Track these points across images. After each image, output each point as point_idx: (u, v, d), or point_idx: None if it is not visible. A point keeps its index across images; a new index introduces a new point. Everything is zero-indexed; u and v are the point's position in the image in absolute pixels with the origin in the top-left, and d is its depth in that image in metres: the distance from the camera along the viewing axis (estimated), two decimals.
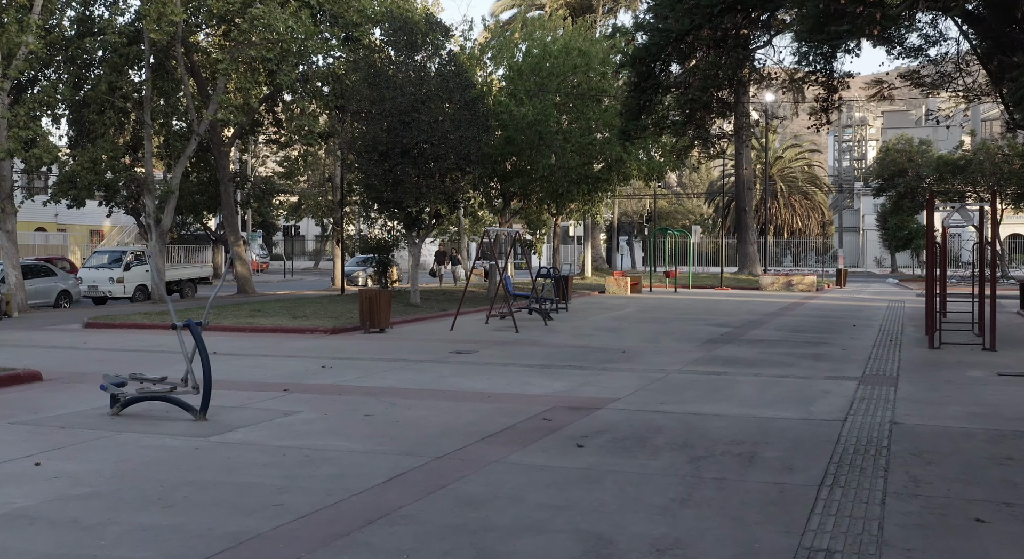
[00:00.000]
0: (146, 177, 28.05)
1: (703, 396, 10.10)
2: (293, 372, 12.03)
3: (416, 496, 6.00)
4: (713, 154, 22.57)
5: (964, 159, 47.49)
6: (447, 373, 11.93)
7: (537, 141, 23.51)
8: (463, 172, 21.55)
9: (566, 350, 14.61)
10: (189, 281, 31.27)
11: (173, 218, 39.10)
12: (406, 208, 21.15)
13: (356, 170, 21.81)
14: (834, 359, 13.58)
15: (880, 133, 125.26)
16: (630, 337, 16.76)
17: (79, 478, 6.47)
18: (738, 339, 16.44)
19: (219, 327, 17.81)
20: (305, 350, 14.55)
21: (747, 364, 12.88)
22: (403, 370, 12.22)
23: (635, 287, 32.33)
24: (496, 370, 12.22)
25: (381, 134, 20.50)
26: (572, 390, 10.53)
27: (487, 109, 22.70)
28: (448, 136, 20.67)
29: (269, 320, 18.56)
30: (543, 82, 24.13)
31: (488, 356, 13.77)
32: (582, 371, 12.12)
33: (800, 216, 75.13)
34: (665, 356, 13.81)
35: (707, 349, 14.79)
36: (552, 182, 24.61)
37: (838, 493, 6.03)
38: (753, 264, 45.01)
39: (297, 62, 25.63)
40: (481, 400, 9.83)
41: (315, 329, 17.26)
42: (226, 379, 11.16)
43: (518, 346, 15.25)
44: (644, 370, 12.22)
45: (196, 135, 28.08)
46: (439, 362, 13.07)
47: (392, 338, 16.53)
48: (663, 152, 26.49)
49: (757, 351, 14.52)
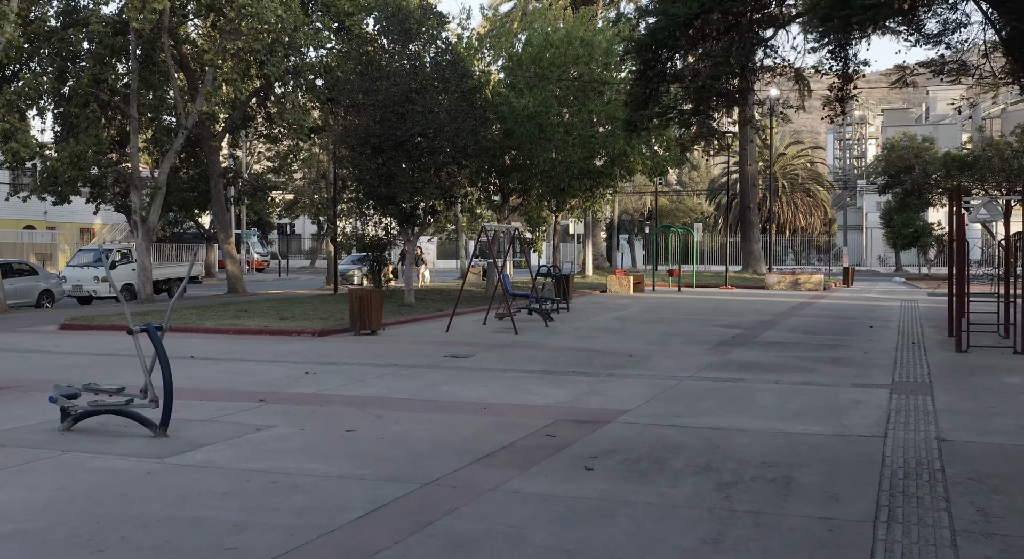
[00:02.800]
0: (132, 173, 27.10)
1: (722, 407, 9.17)
2: (274, 379, 11.09)
3: (397, 536, 5.06)
4: (718, 148, 21.66)
5: (972, 155, 46.54)
6: (441, 380, 10.99)
7: (537, 134, 22.54)
8: (460, 166, 20.60)
9: (569, 354, 13.67)
10: (179, 280, 30.28)
11: (162, 215, 38.49)
12: (400, 204, 20.19)
13: (348, 165, 20.85)
14: (857, 364, 12.65)
15: (880, 132, 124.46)
16: (636, 339, 15.82)
17: (2, 512, 5.52)
18: (751, 341, 15.50)
19: (201, 329, 16.87)
20: (290, 354, 13.61)
21: (764, 369, 11.95)
22: (393, 376, 11.28)
23: (638, 286, 31.39)
24: (494, 376, 11.28)
25: (374, 126, 19.54)
26: (577, 400, 9.59)
27: (485, 101, 21.74)
28: (444, 128, 19.72)
29: (255, 321, 17.61)
30: (543, 73, 23.16)
31: (485, 360, 12.83)
32: (587, 378, 11.18)
33: (802, 214, 74.15)
34: (675, 360, 12.88)
35: (719, 353, 13.85)
36: (553, 177, 23.64)
37: (898, 532, 5.09)
38: (758, 262, 44.03)
39: (287, 53, 24.69)
40: (477, 412, 8.90)
41: (302, 331, 16.31)
42: (199, 387, 10.23)
43: (517, 349, 14.31)
44: (654, 376, 11.28)
45: (184, 129, 27.15)
46: (432, 367, 12.12)
47: (384, 340, 15.58)
48: (668, 146, 25.54)
49: (772, 354, 13.59)
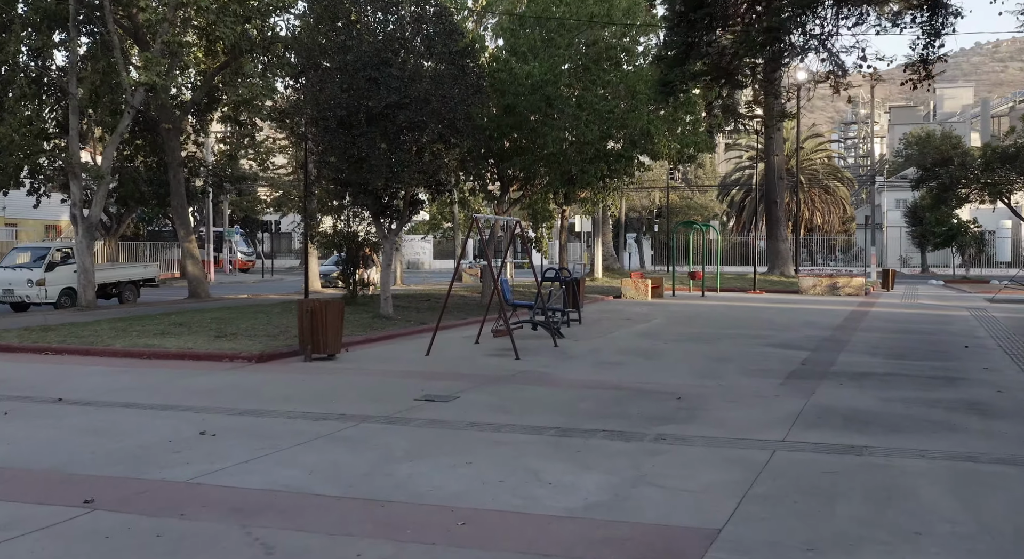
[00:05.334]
0: (71, 159, 23.22)
1: (875, 521, 5.28)
2: (145, 447, 7.20)
3: None
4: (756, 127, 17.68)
5: (1015, 147, 42.59)
6: (400, 450, 7.10)
7: (545, 108, 18.58)
8: (448, 145, 16.69)
9: (591, 394, 9.78)
10: (130, 283, 26.36)
11: (128, 212, 34.62)
12: (373, 192, 16.27)
13: (310, 144, 16.97)
14: (1007, 412, 8.77)
15: (886, 130, 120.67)
16: (677, 368, 11.93)
17: None
18: (830, 371, 11.61)
19: (106, 351, 12.97)
20: (202, 394, 9.72)
21: (885, 426, 8.06)
22: (329, 442, 7.39)
23: (656, 291, 27.48)
24: (483, 442, 7.39)
25: (339, 95, 15.64)
26: (619, 501, 5.70)
27: (480, 68, 17.82)
28: (428, 97, 15.82)
29: (180, 340, 13.68)
30: (551, 37, 19.21)
31: (473, 407, 8.94)
32: (625, 444, 7.30)
33: (820, 211, 70.25)
34: (744, 406, 9.00)
35: (799, 391, 9.96)
36: (562, 162, 19.68)
37: None
38: (785, 263, 39.99)
39: (245, 15, 20.78)
40: (448, 534, 5.03)
41: (236, 355, 12.40)
42: (18, 462, 6.42)
43: (519, 385, 10.43)
44: (727, 441, 7.41)
45: (130, 108, 23.24)
46: (394, 422, 8.23)
47: (340, 370, 11.68)
48: (695, 126, 21.60)
49: (876, 396, 9.70)
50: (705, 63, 12.77)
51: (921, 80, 15.30)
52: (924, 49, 14.93)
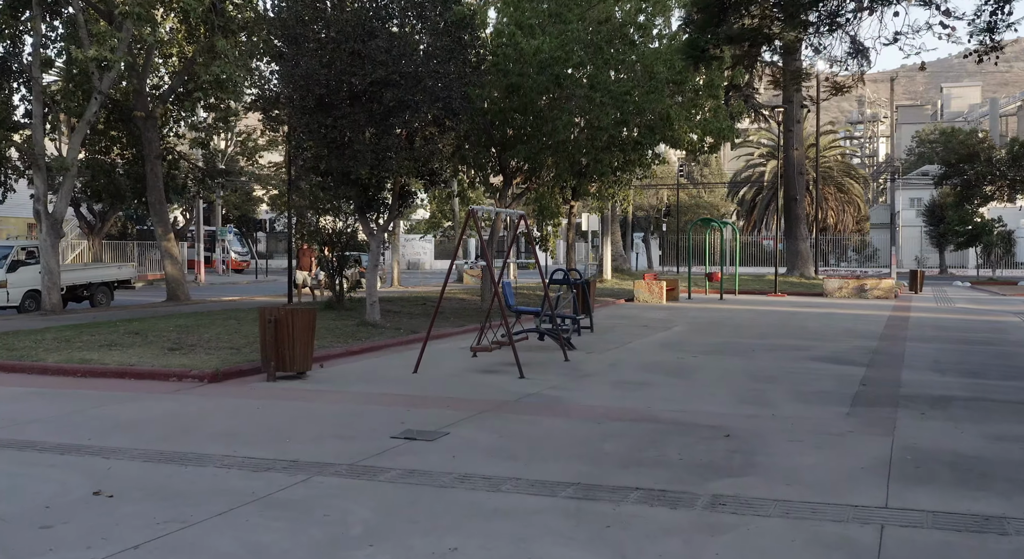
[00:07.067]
0: (32, 149, 21.26)
1: None
2: (8, 515, 5.19)
3: None
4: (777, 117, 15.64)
5: None
6: (358, 525, 5.07)
7: (554, 89, 16.50)
8: (442, 129, 14.64)
9: (615, 428, 7.74)
10: (103, 285, 24.37)
11: (113, 209, 32.58)
12: (357, 181, 14.22)
13: (285, 127, 14.96)
14: None
15: (892, 129, 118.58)
16: (712, 389, 9.89)
17: None
18: (901, 396, 9.55)
19: (34, 367, 10.95)
20: (124, 428, 7.70)
21: (1012, 482, 6.02)
22: (263, 510, 5.36)
23: (671, 294, 25.44)
24: (474, 510, 5.36)
25: (318, 70, 13.60)
26: None
27: (481, 42, 15.77)
28: (420, 74, 13.79)
29: (125, 355, 11.64)
30: (559, 11, 17.17)
31: (463, 451, 6.90)
32: (671, 514, 5.27)
33: (834, 210, 68.11)
34: (812, 448, 6.97)
35: (874, 424, 7.92)
36: (572, 151, 17.61)
37: None
38: (806, 264, 37.84)
39: None
40: None
41: (185, 373, 10.37)
42: None
43: (523, 416, 8.40)
44: (809, 508, 5.36)
45: (98, 93, 21.27)
46: (357, 475, 6.19)
47: (307, 393, 9.64)
48: (716, 112, 19.53)
49: (978, 434, 7.65)
50: (744, 25, 10.76)
51: (987, 51, 13.26)
52: (992, 15, 12.88)
